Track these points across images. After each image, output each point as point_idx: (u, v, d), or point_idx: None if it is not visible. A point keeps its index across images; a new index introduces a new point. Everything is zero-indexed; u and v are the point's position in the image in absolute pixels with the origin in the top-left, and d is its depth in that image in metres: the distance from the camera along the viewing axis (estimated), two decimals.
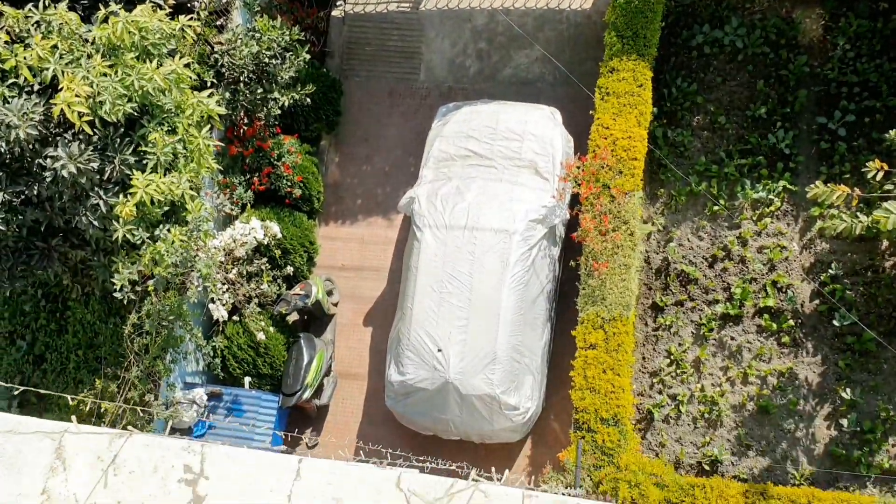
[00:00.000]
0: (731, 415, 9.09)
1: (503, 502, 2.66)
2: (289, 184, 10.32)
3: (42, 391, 8.10)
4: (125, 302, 7.87)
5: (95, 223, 7.20)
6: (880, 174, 8.01)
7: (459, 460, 9.32)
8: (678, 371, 9.33)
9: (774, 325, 9.18)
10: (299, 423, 10.36)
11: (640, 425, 9.29)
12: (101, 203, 7.15)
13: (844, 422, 8.71)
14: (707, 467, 8.94)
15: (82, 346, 8.99)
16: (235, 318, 9.80)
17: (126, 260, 7.71)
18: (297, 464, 1.68)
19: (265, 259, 9.59)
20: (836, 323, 8.94)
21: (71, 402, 8.13)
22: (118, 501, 1.99)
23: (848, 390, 8.76)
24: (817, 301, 9.20)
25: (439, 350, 8.85)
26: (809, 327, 9.17)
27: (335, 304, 10.75)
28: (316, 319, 10.62)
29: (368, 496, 1.64)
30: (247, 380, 9.82)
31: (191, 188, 7.45)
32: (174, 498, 1.94)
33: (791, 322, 9.15)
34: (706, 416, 9.12)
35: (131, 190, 7.01)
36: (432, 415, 9.10)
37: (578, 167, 9.05)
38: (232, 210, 9.75)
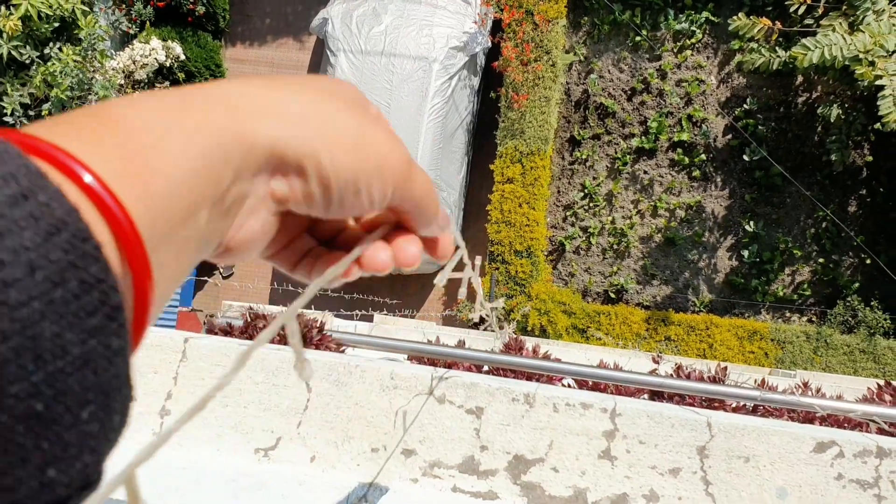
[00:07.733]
0: (639, 246, 9.37)
1: None
2: (191, 0, 9.57)
3: None
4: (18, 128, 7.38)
5: None
6: (802, 8, 7.91)
7: (375, 292, 9.46)
8: (591, 204, 9.47)
9: (687, 159, 9.32)
10: None
11: (551, 256, 9.51)
12: None
13: (745, 253, 9.10)
14: (613, 295, 9.31)
15: None
16: None
17: (15, 81, 7.16)
18: (184, 343, 1.56)
19: (168, 83, 9.02)
20: (745, 158, 9.12)
21: None
22: None
23: (751, 223, 9.09)
24: (730, 136, 9.32)
25: None
26: (720, 161, 9.34)
27: None
28: None
29: (266, 377, 1.55)
30: None
31: (82, 2, 6.92)
32: None
33: (703, 156, 9.29)
34: (615, 247, 9.38)
35: (14, 1, 6.44)
36: None
37: None
38: (130, 28, 9.04)
